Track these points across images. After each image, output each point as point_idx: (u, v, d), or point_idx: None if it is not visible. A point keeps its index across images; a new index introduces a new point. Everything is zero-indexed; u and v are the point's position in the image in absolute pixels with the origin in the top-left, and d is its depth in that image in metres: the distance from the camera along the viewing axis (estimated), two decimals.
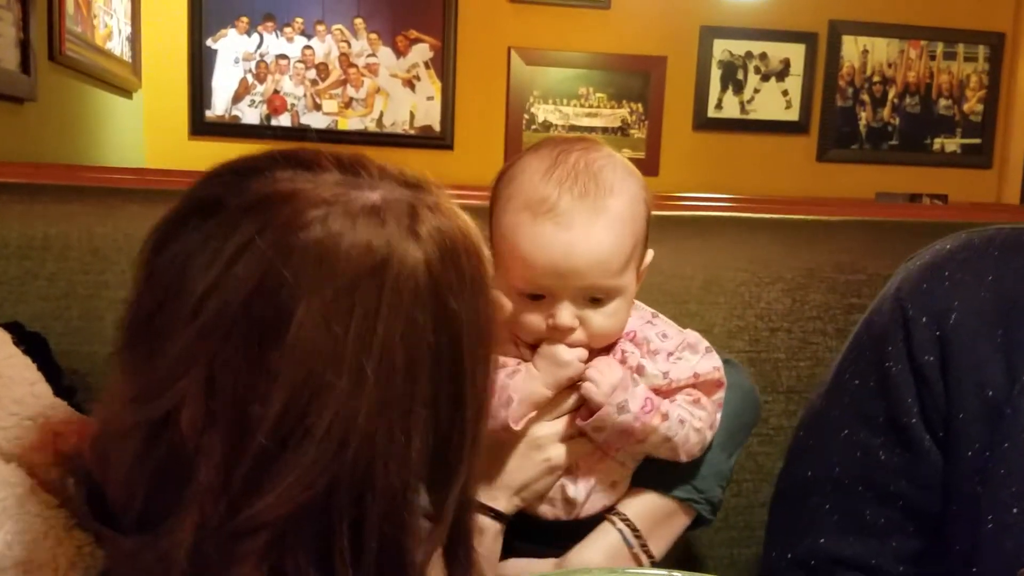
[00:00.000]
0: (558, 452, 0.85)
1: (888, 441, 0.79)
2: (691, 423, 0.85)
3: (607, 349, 0.87)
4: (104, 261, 1.10)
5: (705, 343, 0.90)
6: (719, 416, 0.89)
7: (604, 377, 0.83)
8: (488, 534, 0.84)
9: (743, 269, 1.24)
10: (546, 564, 0.87)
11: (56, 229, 1.10)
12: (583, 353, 0.84)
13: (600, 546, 0.86)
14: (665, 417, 0.84)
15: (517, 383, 0.83)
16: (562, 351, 0.83)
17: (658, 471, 0.88)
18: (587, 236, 0.81)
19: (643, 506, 0.88)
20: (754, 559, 1.20)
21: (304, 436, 0.58)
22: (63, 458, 0.85)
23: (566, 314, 0.82)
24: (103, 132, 2.63)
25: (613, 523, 0.87)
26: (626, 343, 0.87)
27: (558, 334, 0.83)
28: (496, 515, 0.84)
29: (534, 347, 0.85)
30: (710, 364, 0.88)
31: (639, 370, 0.85)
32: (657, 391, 0.85)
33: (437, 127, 3.40)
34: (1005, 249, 0.79)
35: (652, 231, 1.23)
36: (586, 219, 0.81)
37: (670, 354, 0.87)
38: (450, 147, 3.41)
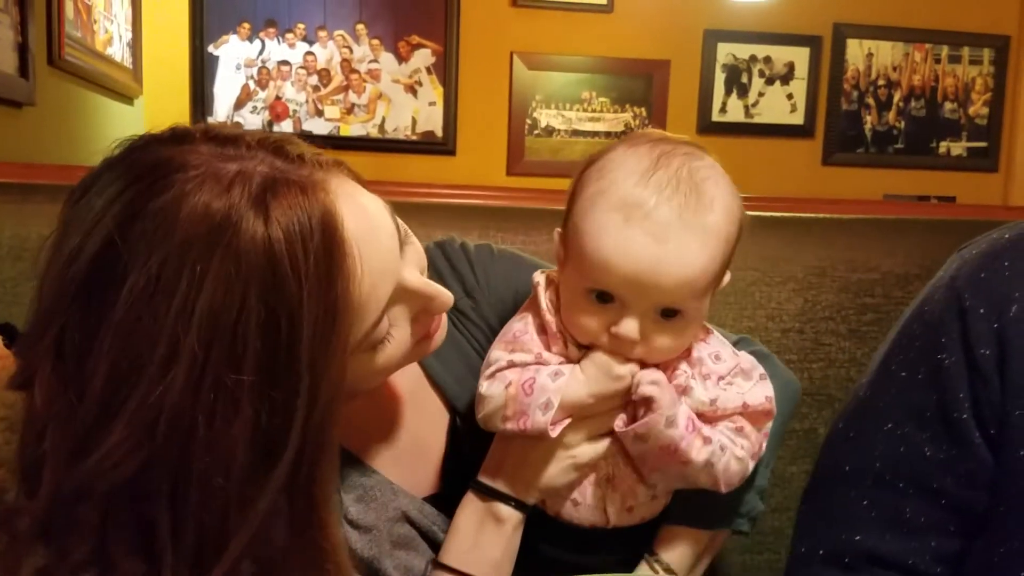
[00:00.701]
0: (586, 451, 0.81)
1: (935, 435, 0.76)
2: (732, 451, 0.79)
3: (660, 364, 0.81)
4: None
5: (760, 370, 0.83)
6: (765, 445, 0.83)
7: (663, 389, 0.77)
8: (508, 523, 0.81)
9: (753, 268, 1.21)
10: None
11: (50, 230, 1.07)
12: (636, 368, 0.78)
13: None
14: (707, 441, 0.78)
15: (559, 385, 0.78)
16: (615, 363, 0.78)
17: (699, 505, 0.84)
18: (680, 254, 0.74)
19: (684, 549, 0.84)
20: (766, 565, 1.17)
21: (117, 411, 0.58)
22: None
23: (632, 326, 0.76)
24: (103, 138, 2.61)
25: (651, 566, 0.83)
26: (680, 361, 0.81)
27: (617, 344, 0.77)
28: (517, 504, 0.81)
29: (584, 348, 0.80)
30: (762, 394, 0.82)
31: (685, 391, 0.79)
32: (700, 415, 0.80)
33: (439, 132, 3.38)
34: None
35: None
36: (682, 235, 0.74)
37: (721, 378, 0.81)
38: (452, 152, 3.39)
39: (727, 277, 0.81)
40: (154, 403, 0.57)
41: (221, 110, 3.25)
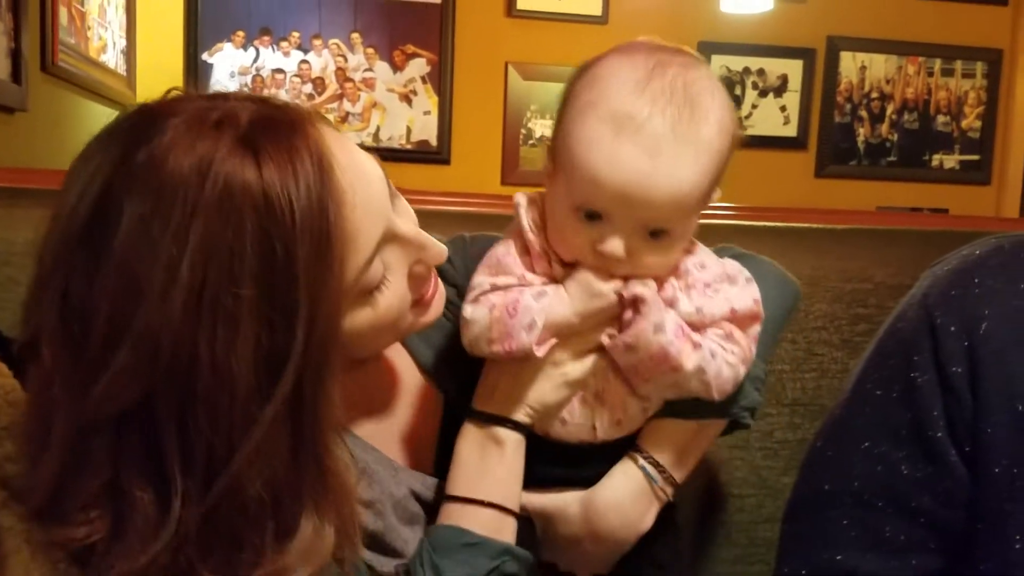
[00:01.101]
0: (576, 368, 0.80)
1: (912, 454, 0.76)
2: (724, 356, 0.79)
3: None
4: None
5: (746, 274, 0.81)
6: (755, 349, 0.82)
7: (649, 290, 0.76)
8: (508, 445, 0.80)
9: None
10: (572, 496, 0.83)
11: (38, 234, 1.07)
12: (620, 285, 0.77)
13: (622, 484, 0.82)
14: (697, 347, 0.77)
15: (543, 306, 0.76)
16: (598, 281, 0.76)
17: (684, 398, 0.82)
18: (672, 168, 0.71)
19: (669, 439, 0.83)
20: None
21: (121, 339, 0.60)
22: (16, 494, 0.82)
23: (618, 244, 0.74)
24: None
25: (635, 460, 0.83)
26: (666, 274, 0.80)
27: (603, 261, 0.75)
28: (514, 425, 0.80)
29: (569, 267, 0.79)
30: (750, 297, 0.80)
31: (672, 303, 0.78)
32: (689, 325, 0.78)
33: (434, 141, 3.38)
34: None
35: None
36: (675, 149, 0.71)
37: (707, 285, 0.80)
38: (447, 161, 3.39)
39: (717, 193, 0.79)
40: (155, 327, 0.59)
41: None
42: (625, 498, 0.82)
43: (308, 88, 3.30)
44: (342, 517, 0.67)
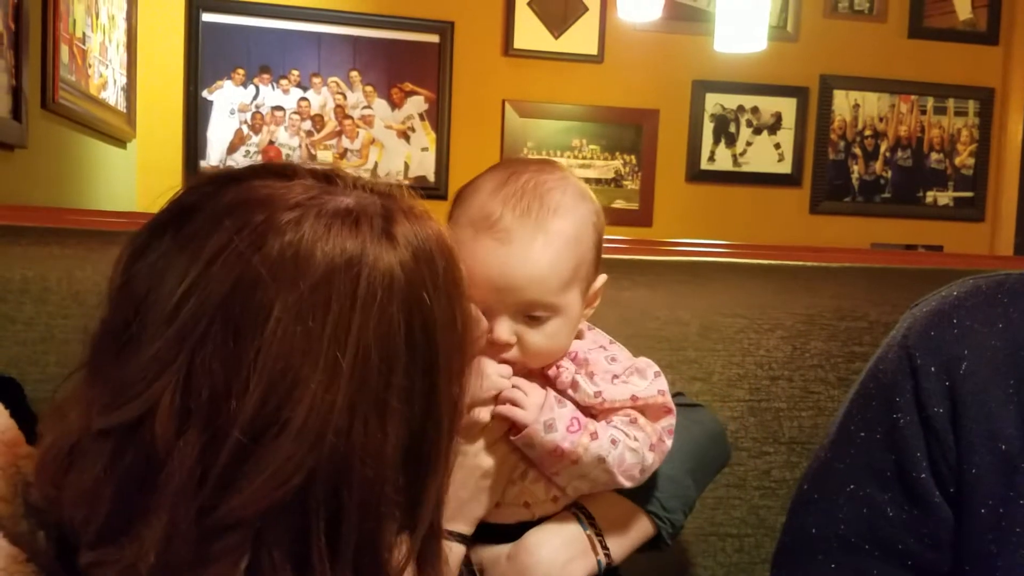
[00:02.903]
0: (488, 459, 0.82)
1: (896, 496, 0.76)
2: (625, 443, 0.82)
3: (545, 366, 0.86)
4: (83, 305, 1.06)
5: (655, 368, 0.88)
6: (669, 443, 0.86)
7: (528, 397, 0.81)
8: (453, 557, 0.81)
9: (741, 315, 1.21)
10: (507, 545, 0.85)
11: (35, 272, 1.07)
12: (507, 370, 0.82)
13: (554, 526, 0.85)
14: (594, 436, 0.81)
15: None
16: (485, 363, 0.81)
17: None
18: (525, 252, 0.81)
19: (605, 504, 0.86)
20: None
21: (281, 430, 0.59)
22: (33, 510, 0.81)
23: (503, 329, 0.81)
24: (95, 181, 2.62)
25: (573, 513, 0.86)
26: (565, 361, 0.86)
27: (493, 349, 0.81)
28: (461, 538, 0.82)
29: None
30: (655, 388, 0.85)
31: (573, 385, 0.84)
32: (590, 409, 0.84)
33: (431, 178, 3.40)
34: (1015, 295, 0.77)
35: (647, 276, 1.21)
36: (526, 236, 0.81)
37: (615, 377, 0.85)
38: (444, 197, 3.40)
39: (600, 279, 0.88)
40: (319, 416, 0.59)
41: (214, 154, 3.26)
42: (554, 537, 0.84)
43: (307, 125, 3.33)
44: None
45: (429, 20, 3.34)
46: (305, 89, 3.31)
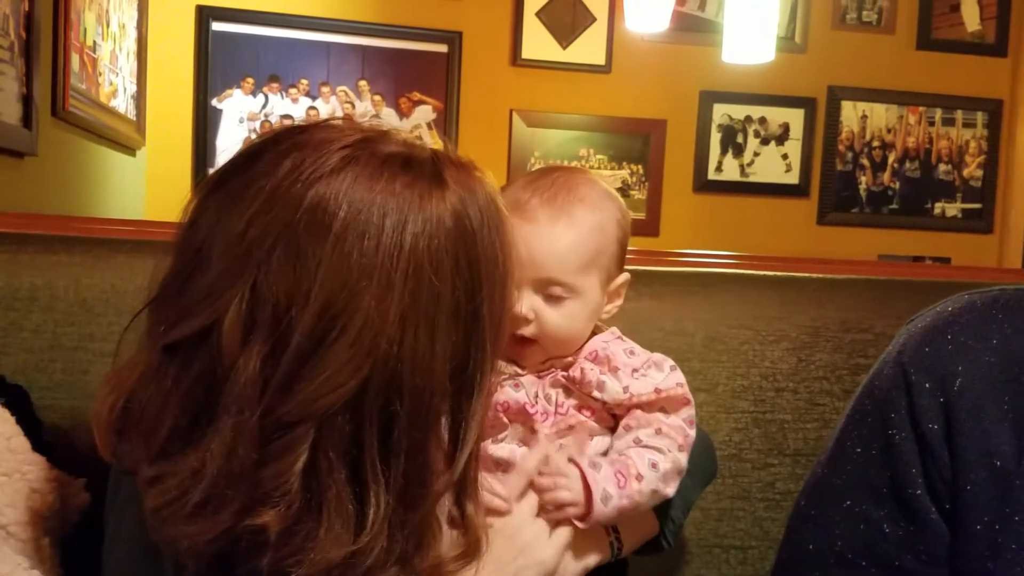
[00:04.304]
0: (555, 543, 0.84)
1: (892, 513, 0.76)
2: (662, 460, 0.85)
3: (567, 368, 0.88)
4: (90, 313, 1.07)
5: (671, 362, 0.91)
6: (692, 433, 0.89)
7: (571, 484, 0.83)
8: None
9: (747, 327, 1.21)
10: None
11: (43, 280, 1.08)
12: (515, 451, 0.85)
13: None
14: (639, 478, 0.84)
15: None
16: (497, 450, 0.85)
17: None
18: (548, 230, 0.86)
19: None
20: None
21: (338, 337, 0.64)
22: (38, 517, 0.82)
23: (523, 303, 0.85)
24: (104, 188, 2.63)
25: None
26: (585, 362, 0.88)
27: (513, 323, 0.85)
28: None
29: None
30: (673, 380, 0.88)
31: (600, 386, 0.87)
32: (619, 407, 0.87)
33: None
34: (1010, 310, 0.77)
35: (653, 286, 1.21)
36: (550, 216, 0.87)
37: (635, 370, 0.88)
38: None
39: (623, 277, 0.92)
40: (373, 328, 0.65)
41: (223, 162, 3.27)
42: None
43: None
44: (480, 521, 0.73)
45: (437, 30, 3.36)
46: (314, 98, 3.32)
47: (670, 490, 0.86)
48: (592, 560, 0.86)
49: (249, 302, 0.64)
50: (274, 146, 0.70)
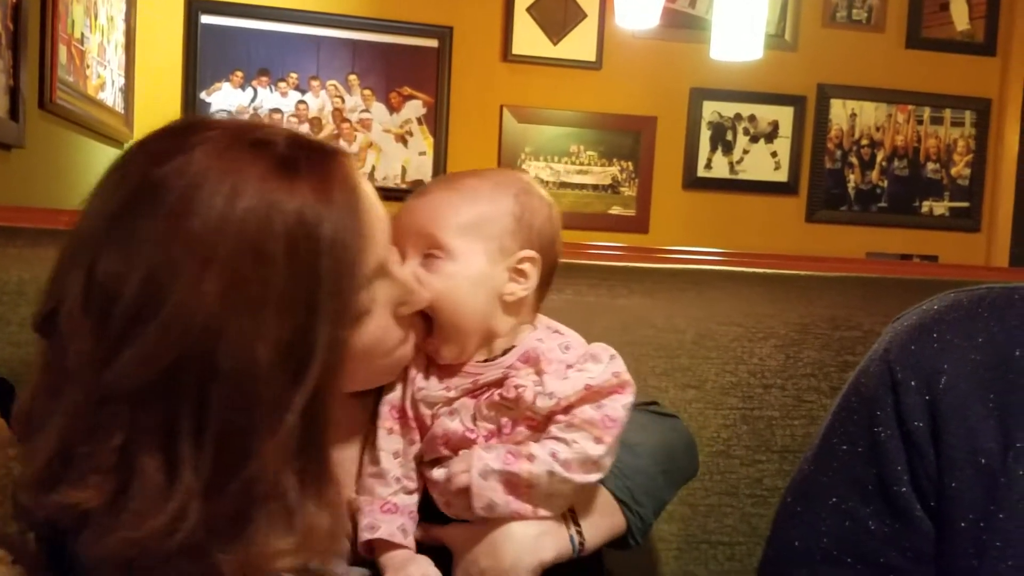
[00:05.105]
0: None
1: (878, 510, 0.76)
2: (562, 452, 0.81)
3: (499, 384, 0.85)
4: None
5: (611, 351, 0.87)
6: (621, 417, 0.84)
7: (455, 465, 0.83)
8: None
9: (736, 324, 1.21)
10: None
11: (30, 273, 1.07)
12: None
13: None
14: (532, 458, 0.81)
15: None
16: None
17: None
18: (432, 195, 0.89)
19: (584, 490, 0.86)
20: None
21: (153, 315, 0.64)
22: (22, 511, 0.81)
23: (406, 268, 0.85)
24: (92, 181, 2.61)
25: None
26: (519, 372, 0.85)
27: (407, 298, 0.84)
28: None
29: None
30: (610, 371, 0.85)
31: (534, 401, 0.83)
32: (552, 413, 0.83)
33: (429, 182, 3.40)
34: (995, 309, 0.77)
35: (644, 284, 1.21)
36: (440, 187, 0.90)
37: (569, 367, 0.85)
38: None
39: (524, 252, 0.88)
40: (188, 306, 0.64)
41: None
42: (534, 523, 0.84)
43: (305, 128, 3.33)
44: (335, 515, 0.71)
45: (428, 25, 3.35)
46: (303, 92, 3.31)
47: (579, 478, 0.81)
48: (548, 553, 0.82)
49: (85, 284, 0.66)
50: (165, 129, 0.73)
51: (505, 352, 0.87)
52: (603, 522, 0.87)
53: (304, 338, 0.67)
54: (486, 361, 0.87)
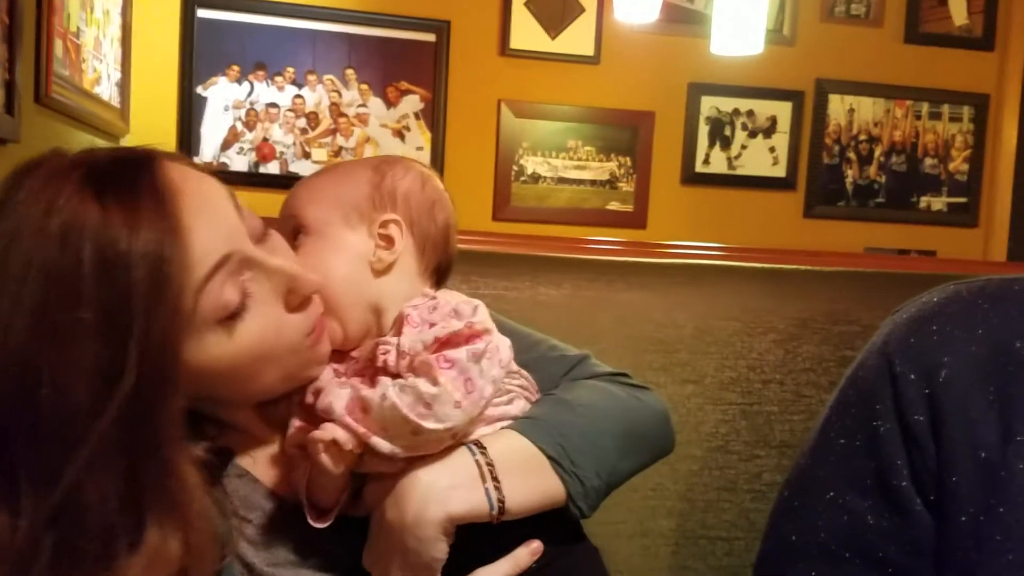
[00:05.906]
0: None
1: (877, 504, 0.75)
2: (400, 385, 0.77)
3: (373, 353, 0.84)
4: None
5: (475, 304, 0.84)
6: (460, 358, 0.79)
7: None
8: None
9: (735, 318, 1.21)
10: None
11: None
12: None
13: (441, 454, 0.79)
14: (373, 384, 0.80)
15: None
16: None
17: (528, 422, 0.84)
18: (300, 182, 0.92)
19: (504, 443, 0.82)
20: None
21: None
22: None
23: (289, 251, 0.84)
24: None
25: (468, 448, 0.81)
26: (388, 339, 0.83)
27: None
28: None
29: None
30: (461, 323, 0.81)
31: (384, 368, 0.81)
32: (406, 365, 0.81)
33: None
34: (995, 300, 0.76)
35: (642, 278, 1.20)
36: (318, 174, 0.94)
37: (433, 325, 0.82)
38: None
39: (386, 216, 0.88)
40: (2, 336, 0.64)
41: (208, 150, 3.25)
42: (436, 460, 0.79)
43: (302, 123, 3.32)
44: (192, 532, 0.68)
45: (425, 19, 3.34)
46: (300, 86, 3.30)
47: (409, 412, 0.76)
48: (458, 506, 0.77)
49: None
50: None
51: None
52: (530, 481, 0.80)
53: (118, 362, 0.65)
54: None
